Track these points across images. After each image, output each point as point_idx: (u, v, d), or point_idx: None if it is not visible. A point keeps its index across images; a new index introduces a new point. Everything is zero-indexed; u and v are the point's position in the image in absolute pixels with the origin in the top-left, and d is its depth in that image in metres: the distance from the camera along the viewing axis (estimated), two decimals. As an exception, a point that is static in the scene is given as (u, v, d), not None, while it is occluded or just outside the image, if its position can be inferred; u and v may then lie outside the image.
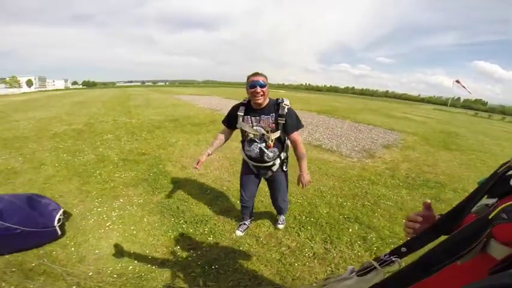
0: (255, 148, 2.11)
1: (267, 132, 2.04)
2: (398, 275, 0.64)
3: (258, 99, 1.97)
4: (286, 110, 2.02)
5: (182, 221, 2.84)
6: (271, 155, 2.13)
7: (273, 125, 2.03)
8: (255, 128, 2.06)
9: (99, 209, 3.03)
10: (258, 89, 1.93)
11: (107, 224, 2.74)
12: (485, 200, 0.69)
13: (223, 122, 2.29)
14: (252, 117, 2.07)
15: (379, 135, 8.54)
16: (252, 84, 1.94)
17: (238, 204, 3.20)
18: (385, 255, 0.76)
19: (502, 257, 0.53)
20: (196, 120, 9.16)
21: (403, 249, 0.73)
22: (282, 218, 2.78)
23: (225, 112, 2.28)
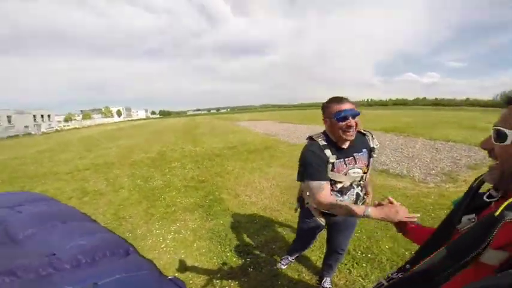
0: (351, 195, 1.61)
1: (364, 173, 1.61)
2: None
3: (351, 135, 1.45)
4: (376, 142, 1.65)
5: (228, 249, 2.86)
6: (366, 200, 1.72)
7: (368, 163, 1.62)
8: (352, 172, 1.55)
9: (157, 231, 3.31)
10: (352, 121, 1.42)
11: (162, 246, 2.95)
12: (465, 216, 0.73)
13: (316, 177, 1.48)
14: (346, 159, 1.54)
15: (462, 153, 7.08)
16: (344, 115, 1.40)
17: (284, 234, 3.09)
18: (392, 273, 0.78)
19: (501, 262, 0.54)
20: (252, 147, 9.47)
21: (407, 266, 0.76)
22: (328, 281, 2.18)
23: (281, 137, 1.90)
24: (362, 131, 1.63)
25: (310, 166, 1.48)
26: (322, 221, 1.78)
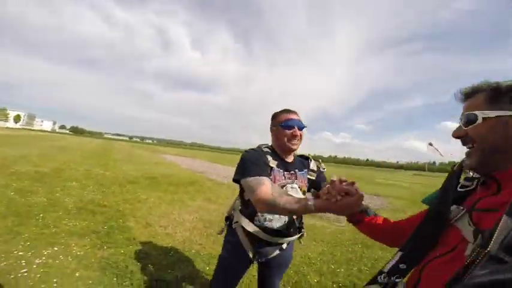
0: (283, 217, 1.40)
1: (303, 194, 1.43)
2: None
3: (295, 145, 1.42)
4: (322, 166, 1.58)
5: (128, 282, 2.20)
6: (297, 225, 1.51)
7: (307, 184, 1.49)
8: (290, 187, 1.39)
9: (21, 253, 2.36)
10: (297, 131, 1.41)
11: (22, 271, 2.06)
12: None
13: (255, 173, 1.23)
14: (285, 172, 1.41)
15: (366, 200, 8.41)
16: (291, 123, 1.40)
17: (207, 269, 2.64)
18: (383, 277, 0.70)
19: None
20: (175, 180, 8.63)
21: (402, 265, 0.69)
22: None
23: (209, 175, 1.48)
24: (306, 154, 1.60)
25: (249, 161, 1.29)
26: (250, 253, 1.41)
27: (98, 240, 3.01)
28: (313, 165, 1.55)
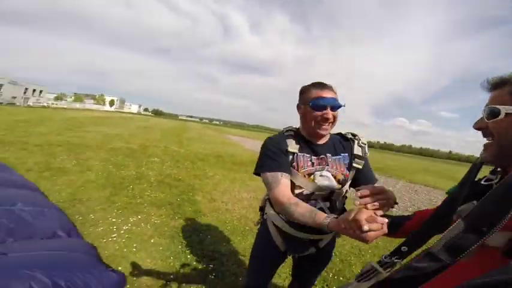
0: None
1: (340, 183, 1.19)
2: (411, 268, 0.59)
3: (325, 130, 1.17)
4: (366, 148, 1.27)
5: (189, 250, 2.51)
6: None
7: (346, 171, 1.21)
8: (319, 175, 1.17)
9: (113, 220, 2.91)
10: (330, 113, 1.14)
11: (112, 235, 2.55)
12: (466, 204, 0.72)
13: (272, 168, 1.13)
14: (313, 157, 1.20)
15: (439, 197, 7.48)
16: (322, 103, 1.13)
17: None
18: (385, 257, 0.73)
19: (505, 243, 0.52)
20: (238, 159, 9.16)
21: (404, 248, 0.72)
22: None
23: None
24: (346, 134, 1.32)
25: (266, 154, 1.17)
26: (281, 246, 1.30)
27: (172, 211, 3.47)
28: (357, 148, 1.25)
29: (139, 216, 3.11)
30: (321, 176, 1.16)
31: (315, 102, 1.13)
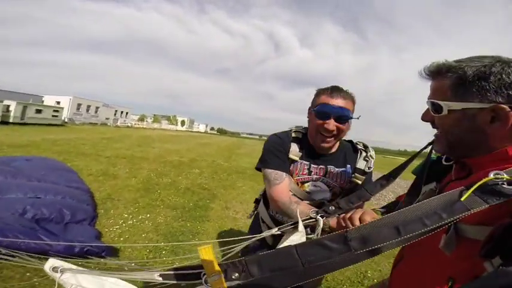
0: None
1: (334, 194, 1.18)
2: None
3: (327, 142, 1.11)
4: (371, 163, 1.19)
5: (171, 248, 2.80)
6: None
7: (347, 185, 1.18)
8: (313, 186, 1.16)
9: (125, 215, 3.48)
10: (332, 124, 1.06)
11: (115, 227, 3.11)
12: (426, 186, 0.78)
13: (275, 165, 1.14)
14: (312, 165, 1.17)
15: None
16: (326, 110, 1.07)
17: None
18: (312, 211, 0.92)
19: (485, 238, 0.49)
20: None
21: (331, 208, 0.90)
22: None
23: None
24: (357, 144, 1.24)
25: (269, 150, 1.16)
26: (269, 240, 1.23)
27: (180, 214, 3.88)
28: (361, 162, 1.18)
29: (148, 215, 3.61)
30: (314, 186, 1.16)
31: (319, 108, 1.08)
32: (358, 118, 1.11)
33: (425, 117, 0.71)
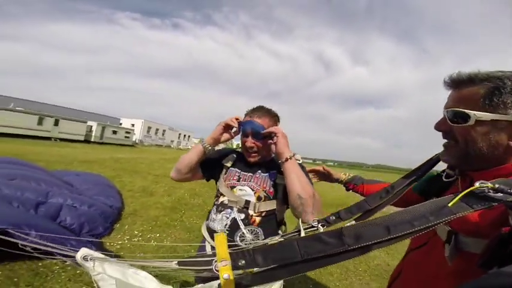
0: (224, 218, 1.21)
1: (258, 198, 1.23)
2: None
3: (252, 157, 1.27)
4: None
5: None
6: (248, 236, 1.18)
7: (270, 188, 1.24)
8: (239, 189, 1.25)
9: (136, 232, 3.53)
10: (249, 141, 1.21)
11: (121, 241, 3.17)
12: None
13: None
14: (242, 172, 1.29)
15: None
16: (242, 128, 1.22)
17: None
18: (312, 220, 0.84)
19: (482, 250, 0.51)
20: (327, 200, 8.43)
21: (332, 217, 0.83)
22: None
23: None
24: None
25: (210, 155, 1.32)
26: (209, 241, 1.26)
27: (194, 237, 3.75)
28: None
29: (158, 235, 3.58)
30: (240, 190, 1.26)
31: (241, 126, 1.24)
32: (268, 136, 1.18)
33: (441, 126, 0.68)
